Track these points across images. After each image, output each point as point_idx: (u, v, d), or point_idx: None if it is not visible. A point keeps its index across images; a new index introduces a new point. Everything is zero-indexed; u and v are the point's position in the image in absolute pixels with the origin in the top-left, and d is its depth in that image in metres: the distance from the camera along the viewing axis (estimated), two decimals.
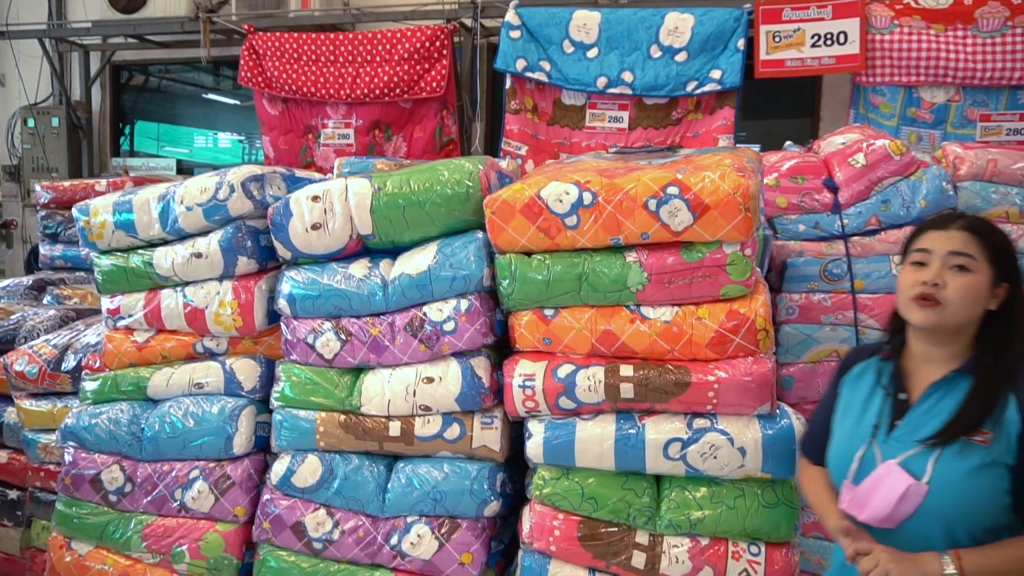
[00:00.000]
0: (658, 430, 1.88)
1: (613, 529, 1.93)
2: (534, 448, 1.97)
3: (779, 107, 4.90)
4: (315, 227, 2.11)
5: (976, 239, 1.37)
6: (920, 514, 1.32)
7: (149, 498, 2.32)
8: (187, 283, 2.32)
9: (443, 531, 2.04)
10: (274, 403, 2.21)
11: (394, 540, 2.07)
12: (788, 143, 3.24)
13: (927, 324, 1.36)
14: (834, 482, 1.51)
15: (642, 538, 1.92)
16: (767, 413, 1.87)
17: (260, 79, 4.63)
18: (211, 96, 6.39)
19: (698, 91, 3.89)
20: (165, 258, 2.31)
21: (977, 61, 3.87)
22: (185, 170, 5.53)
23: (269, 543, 2.21)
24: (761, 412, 1.86)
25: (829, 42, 3.96)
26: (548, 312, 1.98)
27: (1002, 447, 1.31)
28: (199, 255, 2.26)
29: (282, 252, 2.19)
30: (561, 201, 1.89)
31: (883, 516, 1.34)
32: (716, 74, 3.87)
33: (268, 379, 2.32)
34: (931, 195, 2.63)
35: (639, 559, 1.90)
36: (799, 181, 2.76)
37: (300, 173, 2.53)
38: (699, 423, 1.88)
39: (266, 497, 2.21)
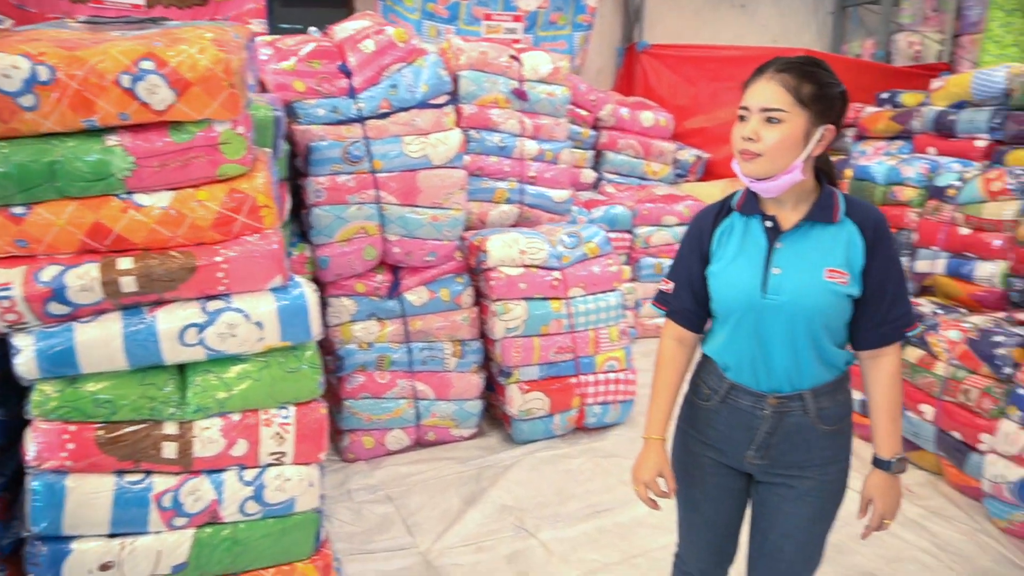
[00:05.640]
0: (171, 319, 1.83)
1: (137, 428, 1.85)
2: (25, 364, 1.75)
3: None
4: None
5: (785, 90, 1.49)
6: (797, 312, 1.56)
7: None
8: None
9: None
10: None
11: None
12: (312, 28, 3.28)
13: (750, 174, 1.55)
14: (739, 311, 1.63)
15: (171, 428, 1.89)
16: (280, 285, 1.96)
17: None
18: None
19: None
20: None
21: None
22: None
23: None
24: (274, 285, 1.95)
25: None
26: (18, 210, 1.72)
27: (855, 284, 1.56)
28: None
29: None
30: (9, 77, 1.62)
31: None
32: None
33: None
34: (431, 80, 2.96)
35: (170, 449, 1.88)
36: (315, 66, 2.83)
37: None
38: (214, 305, 1.88)
39: None
